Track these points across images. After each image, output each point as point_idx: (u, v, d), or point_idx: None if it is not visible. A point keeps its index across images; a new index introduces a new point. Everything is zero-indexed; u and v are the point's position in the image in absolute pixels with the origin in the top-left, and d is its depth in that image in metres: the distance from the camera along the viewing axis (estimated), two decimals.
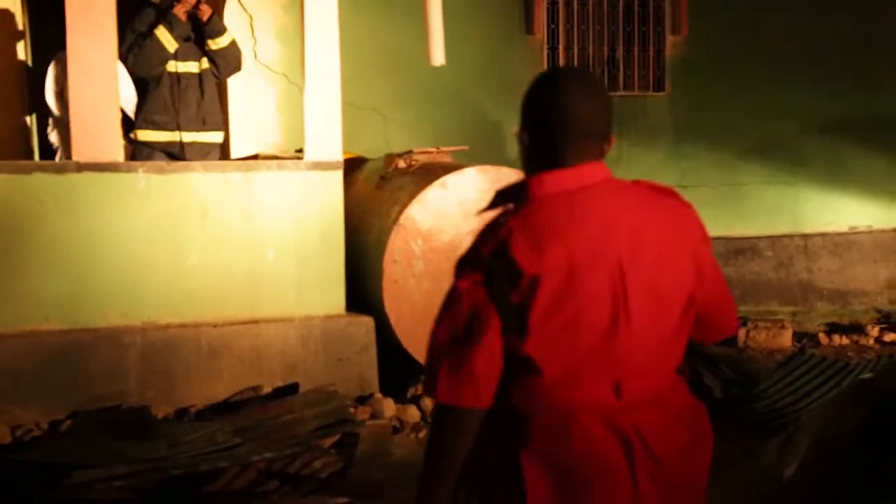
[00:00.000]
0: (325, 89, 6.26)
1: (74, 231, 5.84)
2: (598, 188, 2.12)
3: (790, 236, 9.62)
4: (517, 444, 2.07)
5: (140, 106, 6.64)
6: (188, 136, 6.66)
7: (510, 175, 6.24)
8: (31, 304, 5.79)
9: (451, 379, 2.04)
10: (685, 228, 2.19)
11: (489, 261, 2.02)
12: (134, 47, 6.47)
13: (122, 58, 6.34)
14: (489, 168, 6.32)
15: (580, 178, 2.11)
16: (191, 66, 6.60)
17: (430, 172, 6.50)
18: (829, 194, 9.72)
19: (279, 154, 7.76)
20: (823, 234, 9.70)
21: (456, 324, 2.05)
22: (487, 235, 2.08)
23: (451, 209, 6.22)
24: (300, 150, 7.81)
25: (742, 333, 8.39)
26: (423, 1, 6.61)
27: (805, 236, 9.66)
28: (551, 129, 2.12)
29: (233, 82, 7.88)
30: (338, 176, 6.29)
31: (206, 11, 6.56)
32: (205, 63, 6.72)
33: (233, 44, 6.90)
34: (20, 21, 7.94)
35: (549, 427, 2.07)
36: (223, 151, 7.78)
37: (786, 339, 8.42)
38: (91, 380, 5.80)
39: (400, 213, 6.17)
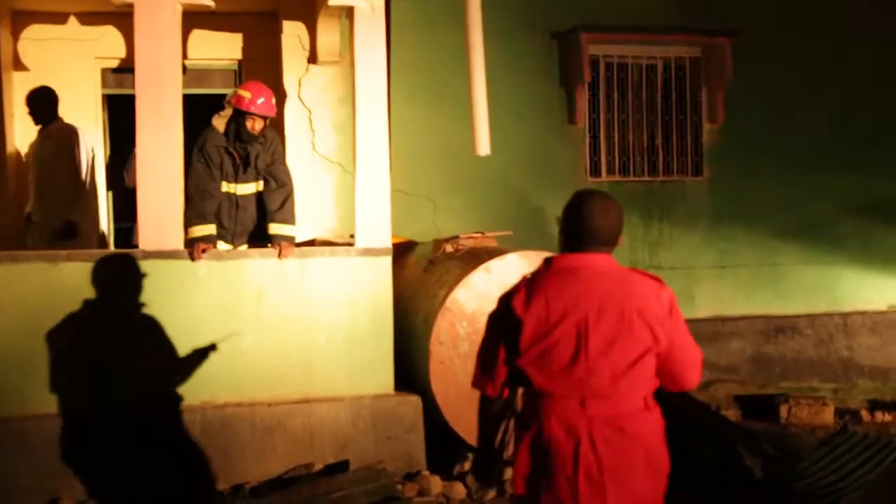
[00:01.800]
0: (375, 179, 6.28)
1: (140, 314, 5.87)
2: (589, 269, 2.93)
3: (829, 315, 9.36)
4: (519, 430, 2.99)
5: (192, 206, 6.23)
6: (241, 245, 6.55)
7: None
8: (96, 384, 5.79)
9: (477, 375, 3.11)
10: (650, 304, 2.88)
11: (501, 304, 2.99)
12: (195, 166, 6.22)
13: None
14: (530, 253, 6.25)
15: (584, 261, 2.94)
16: (247, 188, 6.36)
17: (476, 257, 6.45)
18: (868, 273, 9.47)
19: (334, 239, 7.78)
20: (863, 313, 9.43)
21: (483, 342, 3.08)
22: (511, 288, 3.02)
23: (495, 292, 6.06)
24: (353, 236, 7.89)
25: (784, 410, 8.14)
26: (469, 97, 6.62)
27: (844, 315, 9.40)
28: (576, 232, 2.97)
29: (293, 172, 7.95)
30: (387, 262, 6.27)
31: (286, 251, 6.13)
32: (260, 185, 6.38)
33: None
34: (100, 118, 8.15)
35: (531, 419, 2.93)
36: None
37: (828, 416, 8.13)
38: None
39: (446, 296, 6.11)
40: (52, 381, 5.71)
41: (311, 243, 7.51)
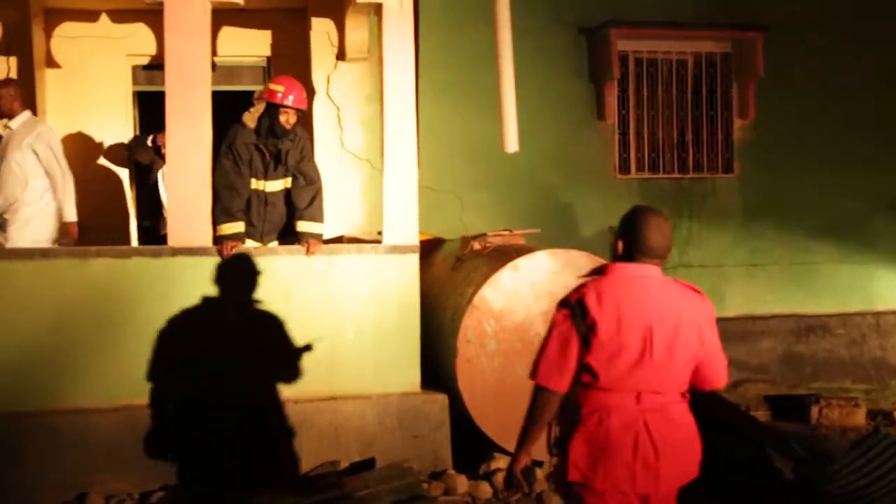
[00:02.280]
0: (403, 177, 6.24)
1: (169, 312, 5.86)
2: (649, 279, 3.24)
3: (862, 314, 9.21)
4: (572, 419, 3.21)
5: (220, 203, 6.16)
6: (270, 242, 6.52)
7: (579, 257, 6.11)
8: (126, 380, 5.80)
9: (546, 371, 3.21)
10: (697, 314, 3.25)
11: (574, 304, 3.18)
12: (223, 162, 6.14)
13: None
14: (559, 251, 6.18)
15: (640, 271, 3.25)
16: (276, 185, 6.29)
17: (504, 255, 6.39)
18: None
19: (362, 236, 7.75)
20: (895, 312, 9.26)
21: (553, 338, 3.21)
22: (577, 289, 3.23)
23: (523, 290, 6.08)
24: (381, 233, 7.84)
25: (815, 411, 8.01)
26: (497, 93, 6.55)
27: (877, 314, 9.25)
28: (635, 247, 3.24)
29: (321, 169, 7.94)
30: (414, 259, 6.22)
31: (314, 248, 6.10)
32: (288, 182, 6.31)
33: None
34: (131, 115, 8.18)
35: (590, 413, 3.19)
36: None
37: (860, 418, 7.98)
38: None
39: (474, 293, 6.05)
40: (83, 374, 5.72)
41: (339, 240, 7.49)
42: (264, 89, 6.21)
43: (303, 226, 6.18)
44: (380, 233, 7.80)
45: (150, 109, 8.67)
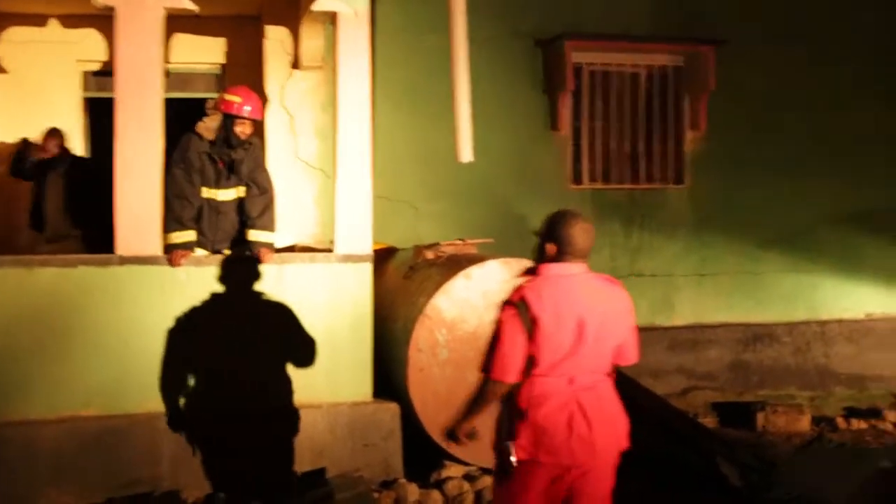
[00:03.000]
0: (357, 185, 6.20)
1: (118, 321, 5.77)
2: (578, 277, 3.61)
3: (807, 323, 9.35)
4: (515, 406, 3.55)
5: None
6: (222, 249, 6.43)
7: (529, 265, 6.10)
8: (73, 390, 5.71)
9: (500, 366, 3.55)
10: (619, 304, 3.68)
11: (518, 303, 3.49)
12: (175, 171, 6.05)
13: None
14: (511, 260, 6.18)
15: (569, 270, 3.60)
16: (229, 194, 6.20)
17: (456, 264, 6.38)
18: (846, 282, 9.47)
19: (315, 245, 7.71)
20: (840, 321, 9.42)
21: (504, 335, 3.52)
22: (517, 290, 3.56)
23: (475, 299, 6.07)
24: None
25: (760, 417, 8.12)
26: (452, 103, 6.51)
27: (822, 323, 9.38)
28: (563, 248, 3.59)
29: (274, 177, 7.87)
30: (367, 268, 6.19)
31: (265, 257, 6.04)
32: (241, 191, 6.22)
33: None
34: (81, 122, 8.05)
35: (531, 399, 3.53)
36: None
37: (804, 424, 8.11)
38: (126, 464, 5.68)
39: (426, 303, 6.03)
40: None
41: (292, 249, 7.42)
42: (219, 99, 6.12)
43: (254, 234, 6.12)
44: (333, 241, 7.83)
45: (102, 116, 8.61)
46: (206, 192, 6.12)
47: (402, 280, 6.76)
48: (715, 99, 9.04)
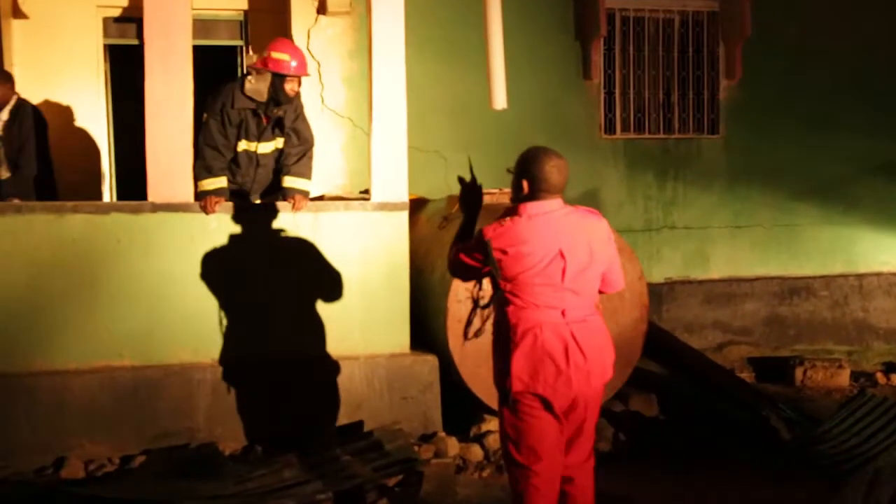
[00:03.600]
0: (392, 132, 6.02)
1: (148, 269, 5.65)
2: (556, 213, 3.68)
3: (845, 276, 9.17)
4: (509, 339, 3.65)
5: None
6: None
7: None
8: (105, 340, 5.59)
9: (457, 277, 4.04)
10: (598, 234, 3.76)
11: (487, 241, 3.66)
12: (210, 123, 5.91)
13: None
14: None
15: (547, 207, 3.67)
16: (268, 147, 6.06)
17: (493, 213, 6.21)
18: (884, 235, 9.28)
19: (345, 195, 7.55)
20: (878, 274, 9.25)
21: (467, 252, 3.80)
22: (491, 228, 3.70)
23: None
24: (364, 192, 7.62)
25: (799, 372, 8.00)
26: (485, 48, 6.32)
27: (860, 276, 9.21)
28: (539, 185, 3.67)
29: None
30: (403, 217, 6.03)
31: (299, 204, 5.85)
32: (280, 143, 6.11)
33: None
34: (102, 69, 7.86)
35: (525, 331, 3.62)
36: None
37: (843, 379, 7.99)
38: (161, 416, 5.58)
39: None
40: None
41: (320, 199, 7.26)
42: (266, 58, 5.91)
43: (289, 181, 5.97)
44: (364, 192, 7.66)
45: (122, 64, 8.43)
46: (246, 145, 5.97)
47: (436, 230, 6.60)
48: (751, 47, 8.79)
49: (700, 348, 8.22)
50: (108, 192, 7.87)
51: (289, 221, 5.83)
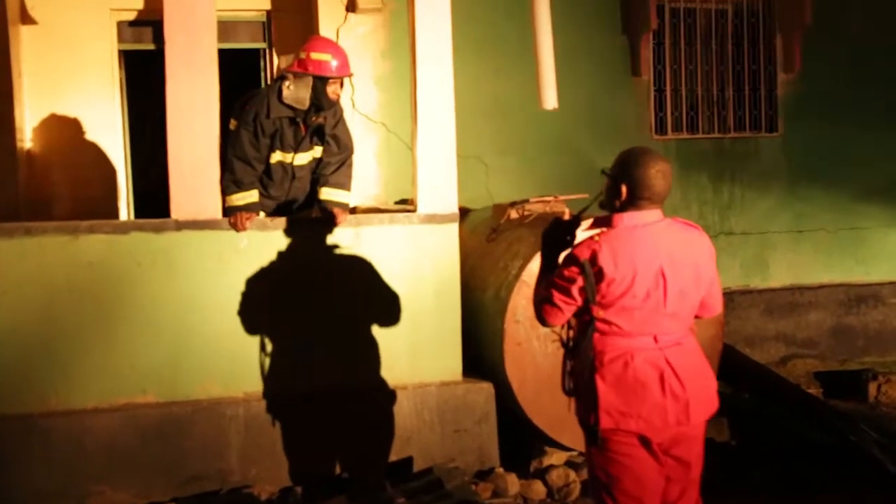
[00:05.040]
0: (439, 137, 5.47)
1: (172, 295, 5.11)
2: (654, 226, 3.25)
3: None
4: (594, 369, 3.23)
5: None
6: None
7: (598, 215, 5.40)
8: (126, 375, 5.06)
9: (549, 315, 3.33)
10: (701, 251, 3.35)
11: (583, 262, 3.17)
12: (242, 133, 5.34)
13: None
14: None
15: (646, 218, 3.25)
16: (305, 158, 5.51)
17: (542, 221, 5.66)
18: None
19: (380, 206, 7.02)
20: None
21: (561, 285, 3.24)
22: (585, 246, 3.22)
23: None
24: (402, 202, 7.11)
25: (873, 388, 7.42)
26: (533, 44, 5.93)
27: None
28: (639, 193, 3.23)
29: None
30: (453, 229, 5.48)
31: (340, 218, 5.33)
32: (317, 152, 5.55)
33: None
34: (117, 76, 7.35)
35: (614, 359, 3.22)
36: None
37: None
38: (190, 457, 5.03)
39: (522, 267, 5.32)
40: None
41: (353, 211, 6.72)
42: (305, 60, 5.31)
43: (328, 193, 5.40)
44: (399, 202, 7.14)
45: (138, 70, 7.94)
46: (280, 157, 5.38)
47: (483, 243, 6.05)
48: (810, 37, 8.21)
49: (762, 363, 7.64)
50: (126, 209, 7.35)
51: (328, 238, 5.28)
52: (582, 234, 3.41)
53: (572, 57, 7.64)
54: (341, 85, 5.44)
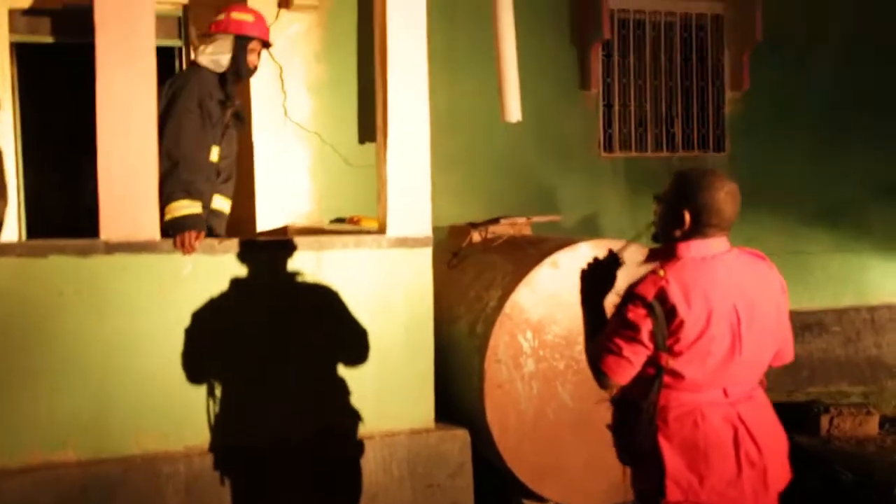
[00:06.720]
0: (413, 152, 4.95)
1: (101, 330, 4.37)
2: (725, 256, 2.91)
3: (857, 309, 8.48)
4: (655, 428, 2.83)
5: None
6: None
7: (632, 250, 4.97)
8: (43, 427, 4.30)
9: (612, 366, 2.84)
10: (772, 285, 2.98)
11: (651, 302, 2.77)
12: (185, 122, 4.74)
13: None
14: (601, 242, 5.03)
15: (715, 248, 2.90)
16: (217, 153, 4.94)
17: (520, 248, 5.20)
18: (894, 262, 8.64)
19: (314, 226, 6.39)
20: (890, 307, 8.59)
21: (626, 332, 2.80)
22: (649, 282, 2.81)
23: (565, 294, 4.86)
24: (336, 220, 6.54)
25: (825, 421, 7.24)
26: (496, 56, 5.93)
27: (871, 308, 8.54)
28: (706, 219, 2.88)
29: (259, 142, 6.55)
30: (427, 255, 4.94)
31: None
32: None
33: None
34: (8, 72, 6.47)
35: (681, 416, 2.83)
36: (250, 224, 6.38)
37: (872, 427, 7.27)
38: None
39: (504, 298, 4.82)
40: None
41: (283, 231, 6.08)
42: (225, 20, 4.97)
43: (221, 202, 4.89)
44: (340, 220, 6.58)
45: (33, 66, 7.07)
46: (216, 152, 4.81)
47: (444, 269, 5.53)
48: (760, 55, 8.03)
49: None
50: (17, 226, 6.45)
51: (286, 263, 4.64)
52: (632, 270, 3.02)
53: (520, 67, 7.21)
54: (258, 55, 5.05)
